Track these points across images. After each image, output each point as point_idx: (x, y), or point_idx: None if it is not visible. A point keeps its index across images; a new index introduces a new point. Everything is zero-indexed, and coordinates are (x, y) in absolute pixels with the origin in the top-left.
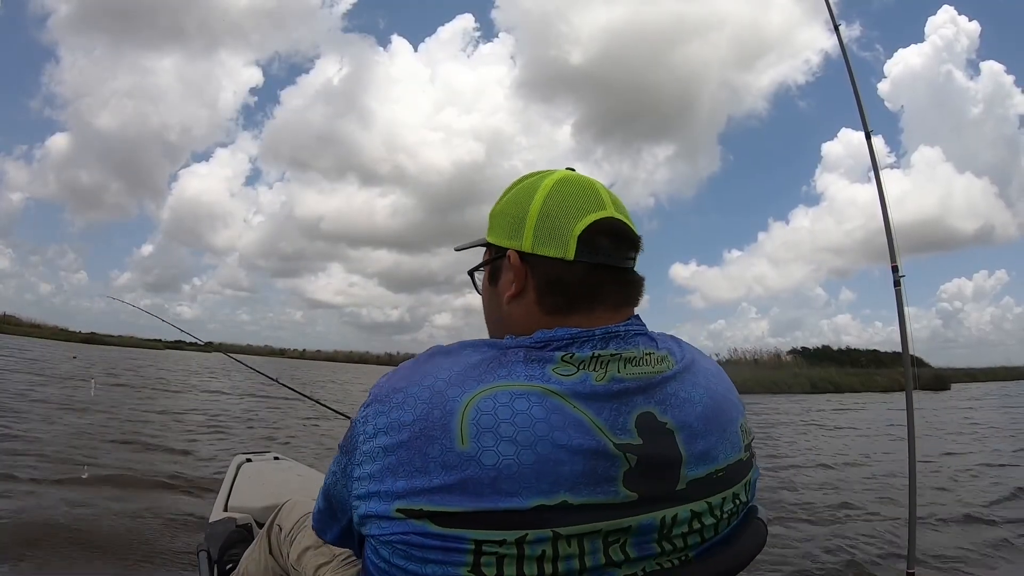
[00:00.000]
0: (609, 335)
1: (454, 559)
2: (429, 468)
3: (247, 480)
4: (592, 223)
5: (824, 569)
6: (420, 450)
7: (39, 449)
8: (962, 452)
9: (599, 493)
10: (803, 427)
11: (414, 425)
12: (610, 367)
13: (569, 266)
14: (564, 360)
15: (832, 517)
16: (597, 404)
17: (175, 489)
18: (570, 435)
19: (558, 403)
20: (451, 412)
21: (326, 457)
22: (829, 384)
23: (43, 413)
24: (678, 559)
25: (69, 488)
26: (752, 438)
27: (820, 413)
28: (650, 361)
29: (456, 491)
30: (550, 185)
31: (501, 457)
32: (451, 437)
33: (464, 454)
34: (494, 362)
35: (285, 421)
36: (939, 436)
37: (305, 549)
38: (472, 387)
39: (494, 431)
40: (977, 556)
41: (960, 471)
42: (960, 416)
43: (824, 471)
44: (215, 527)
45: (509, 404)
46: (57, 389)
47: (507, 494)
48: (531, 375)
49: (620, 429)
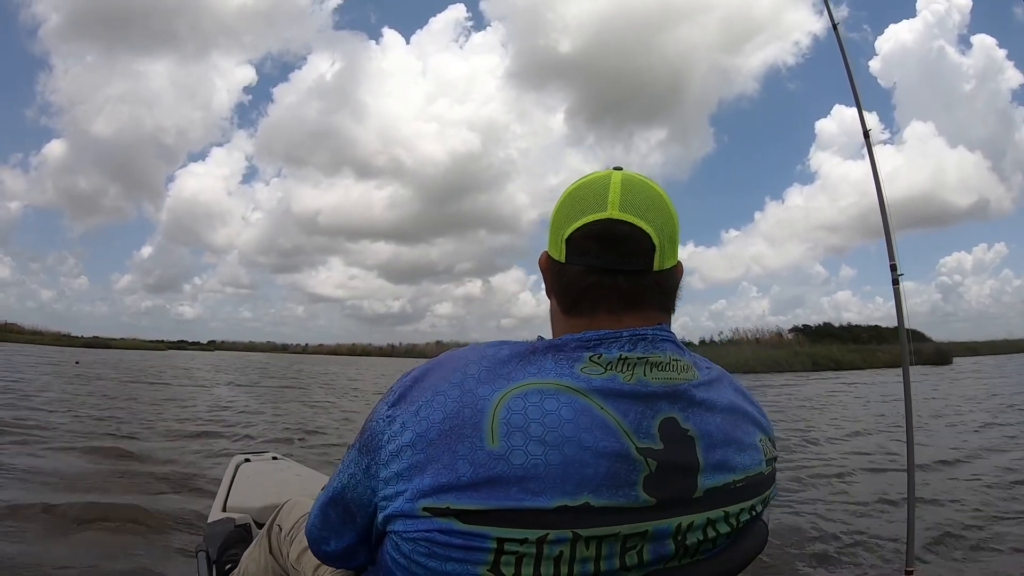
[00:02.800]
0: (637, 337)
1: (475, 557)
2: (458, 466)
3: (246, 480)
4: (582, 226)
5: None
6: (450, 448)
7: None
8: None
9: (620, 496)
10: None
11: (444, 423)
12: (637, 370)
13: (564, 268)
14: (592, 360)
15: (832, 491)
16: (624, 405)
17: (172, 489)
18: (596, 437)
19: (586, 404)
20: (482, 411)
21: (327, 456)
22: (830, 361)
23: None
24: (687, 562)
25: (69, 490)
26: (775, 456)
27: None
28: (676, 368)
29: (483, 489)
30: (570, 190)
31: (529, 457)
32: (481, 436)
33: (494, 453)
34: (523, 360)
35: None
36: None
37: (305, 549)
38: (503, 385)
39: (524, 431)
40: (978, 550)
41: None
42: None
43: (820, 447)
44: (214, 527)
45: (539, 404)
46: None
47: (533, 493)
48: (560, 373)
49: (644, 433)
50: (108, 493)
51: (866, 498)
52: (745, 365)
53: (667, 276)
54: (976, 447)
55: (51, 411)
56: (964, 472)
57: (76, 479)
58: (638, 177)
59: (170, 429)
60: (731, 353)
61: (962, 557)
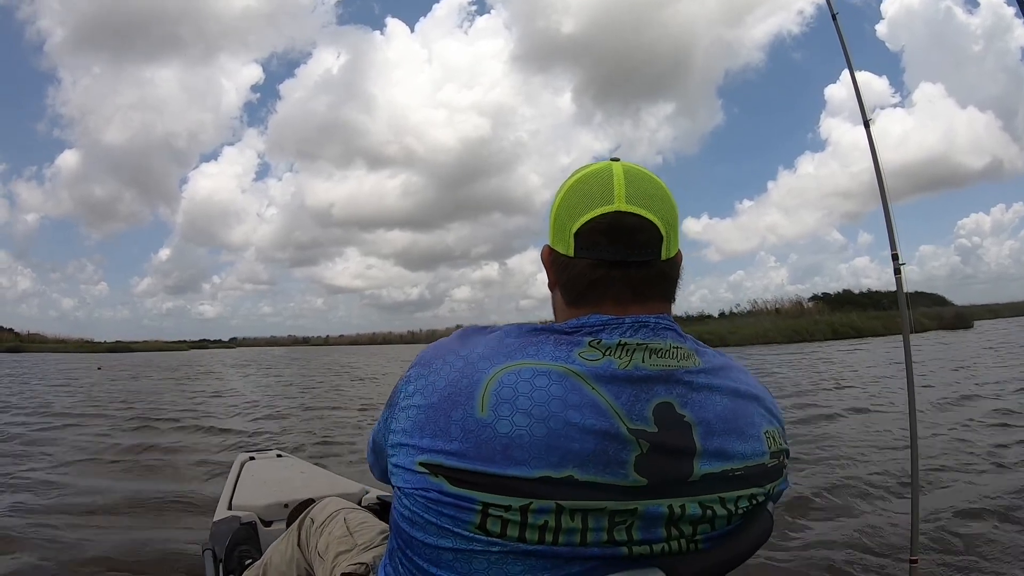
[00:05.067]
0: (639, 324)
1: (464, 516)
2: (451, 430)
3: (251, 478)
4: (591, 219)
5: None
6: (446, 413)
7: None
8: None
9: (608, 474)
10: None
11: (445, 390)
12: (635, 355)
13: (572, 262)
14: (591, 345)
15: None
16: (616, 388)
17: (178, 487)
18: (584, 415)
19: (577, 383)
20: (477, 382)
21: (327, 457)
22: (850, 329)
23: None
24: (686, 545)
25: (70, 492)
26: (784, 449)
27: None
28: (676, 355)
29: (470, 453)
30: (569, 184)
31: (515, 427)
32: (473, 404)
33: (481, 420)
34: (526, 342)
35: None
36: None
37: (332, 539)
38: (500, 361)
39: (511, 403)
40: (983, 541)
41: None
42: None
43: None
44: (219, 526)
45: (530, 380)
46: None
47: (516, 462)
48: (557, 356)
49: (636, 415)
50: (112, 492)
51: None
52: (765, 336)
53: (672, 265)
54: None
55: (64, 416)
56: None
57: (78, 479)
58: (638, 168)
59: (179, 427)
60: (751, 324)
61: (964, 547)
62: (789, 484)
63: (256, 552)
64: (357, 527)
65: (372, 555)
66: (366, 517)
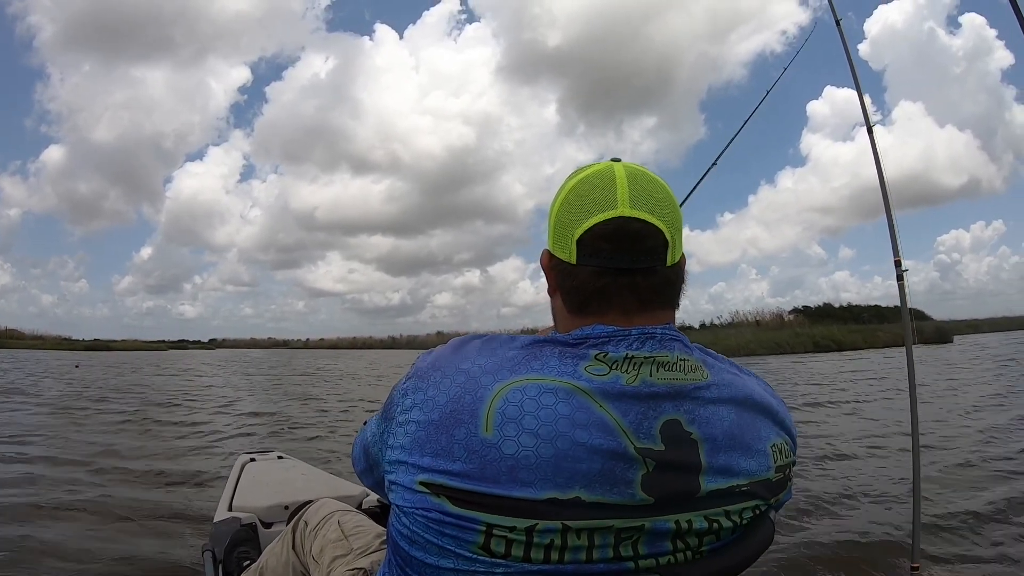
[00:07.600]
0: (645, 335)
1: (466, 537)
2: (453, 449)
3: (251, 479)
4: (594, 226)
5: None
6: (448, 430)
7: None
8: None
9: (614, 493)
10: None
11: (446, 407)
12: (643, 369)
13: (574, 269)
14: (597, 359)
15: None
16: (624, 405)
17: (178, 488)
18: (591, 434)
19: (585, 401)
20: (481, 399)
21: (327, 457)
22: (831, 342)
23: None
24: (692, 556)
25: (74, 491)
26: (790, 462)
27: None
28: (683, 368)
29: (475, 474)
30: (570, 187)
31: (521, 448)
32: (477, 423)
33: (486, 440)
34: (530, 355)
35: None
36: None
37: (327, 543)
38: (505, 377)
39: (517, 422)
40: (985, 546)
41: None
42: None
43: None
44: (220, 527)
45: (536, 398)
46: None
47: (522, 483)
48: (563, 371)
49: (644, 433)
50: (113, 492)
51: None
52: (746, 348)
53: (677, 270)
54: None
55: (47, 413)
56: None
57: (80, 478)
58: (640, 169)
59: (173, 430)
60: (732, 336)
61: (970, 549)
62: (793, 495)
63: (256, 553)
64: (352, 530)
65: (370, 560)
66: (361, 520)
